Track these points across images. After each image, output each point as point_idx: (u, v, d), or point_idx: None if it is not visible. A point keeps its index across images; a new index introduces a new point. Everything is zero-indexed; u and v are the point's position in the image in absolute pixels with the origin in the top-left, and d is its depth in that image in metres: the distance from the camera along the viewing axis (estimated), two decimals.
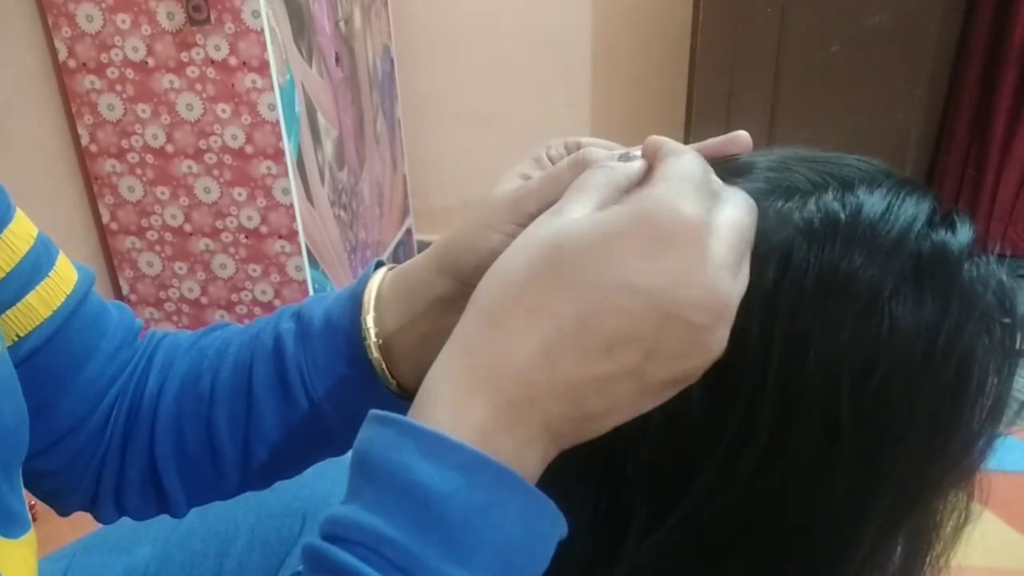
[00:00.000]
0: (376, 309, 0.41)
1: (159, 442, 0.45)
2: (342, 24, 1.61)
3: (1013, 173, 1.91)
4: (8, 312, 0.40)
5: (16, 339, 0.41)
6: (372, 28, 1.80)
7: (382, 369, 0.41)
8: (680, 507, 0.33)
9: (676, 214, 0.28)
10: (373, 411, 0.29)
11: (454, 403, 0.29)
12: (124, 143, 1.42)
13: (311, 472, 0.68)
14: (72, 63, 1.37)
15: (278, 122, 1.36)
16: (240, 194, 1.44)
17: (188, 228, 1.49)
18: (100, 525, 0.66)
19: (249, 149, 1.39)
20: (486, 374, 0.29)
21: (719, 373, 0.30)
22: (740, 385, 0.32)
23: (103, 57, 1.35)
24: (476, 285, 0.33)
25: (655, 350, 0.28)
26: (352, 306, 0.42)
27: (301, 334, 0.43)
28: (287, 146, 1.38)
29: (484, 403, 0.28)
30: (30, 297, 0.41)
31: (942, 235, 0.33)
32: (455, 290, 0.39)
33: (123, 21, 1.32)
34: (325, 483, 0.68)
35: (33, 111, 1.42)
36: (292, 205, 1.43)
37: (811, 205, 0.33)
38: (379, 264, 0.44)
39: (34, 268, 0.42)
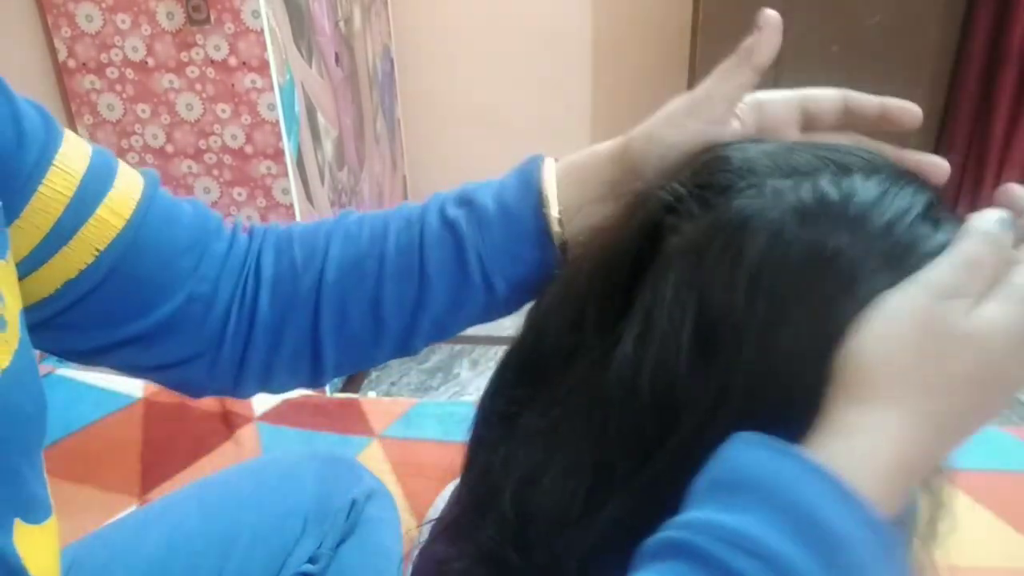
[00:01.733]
0: (555, 191, 0.45)
1: (323, 321, 0.47)
2: (342, 24, 1.61)
3: (1013, 173, 1.91)
4: (83, 229, 0.42)
5: (94, 258, 0.43)
6: (372, 28, 1.80)
7: (560, 245, 0.45)
8: (654, 462, 0.35)
9: None
10: (803, 455, 0.31)
11: (865, 471, 0.31)
12: (124, 143, 1.42)
13: (312, 473, 0.69)
14: (72, 63, 1.37)
15: (278, 122, 1.36)
16: (240, 194, 1.43)
17: None
18: (100, 525, 0.66)
19: (249, 149, 1.39)
20: (894, 457, 0.31)
21: (704, 338, 0.32)
22: (721, 350, 0.33)
23: (103, 57, 1.35)
24: (645, 175, 0.41)
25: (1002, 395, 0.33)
26: (526, 194, 0.46)
27: (477, 220, 0.46)
28: (287, 146, 1.38)
29: (892, 476, 0.31)
30: (100, 211, 0.43)
31: (923, 230, 0.34)
32: (622, 177, 0.44)
33: (123, 21, 1.32)
34: (326, 485, 0.68)
35: None
36: (292, 205, 1.43)
37: (806, 185, 0.34)
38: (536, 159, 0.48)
39: (98, 184, 0.43)
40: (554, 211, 0.45)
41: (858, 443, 0.31)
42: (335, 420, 1.09)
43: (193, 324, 0.46)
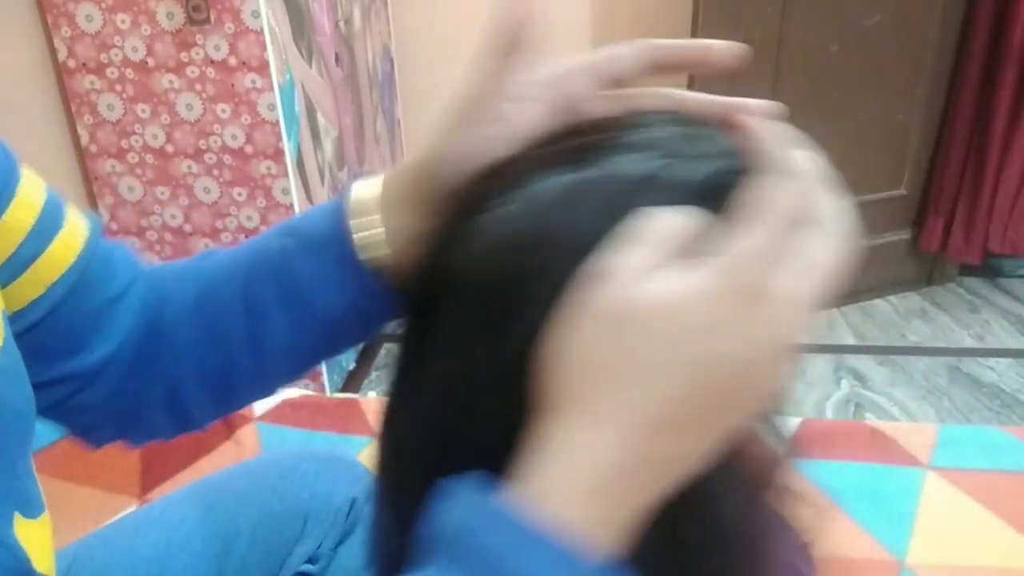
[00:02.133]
0: (367, 216, 0.43)
1: (180, 365, 0.46)
2: (342, 24, 1.61)
3: (1013, 173, 1.91)
4: (38, 261, 0.42)
5: (45, 290, 0.43)
6: (372, 28, 1.80)
7: (382, 269, 0.43)
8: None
9: (752, 287, 0.28)
10: (486, 497, 0.28)
11: (565, 502, 0.28)
12: (124, 143, 1.42)
13: (312, 473, 0.69)
14: (72, 63, 1.37)
15: (278, 122, 1.36)
16: (240, 194, 1.43)
17: (188, 228, 1.49)
18: (101, 525, 0.66)
19: (249, 149, 1.39)
20: (592, 475, 0.28)
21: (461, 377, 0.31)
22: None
23: (103, 57, 1.35)
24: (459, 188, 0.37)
25: (734, 412, 0.29)
26: (341, 215, 0.43)
27: (302, 248, 0.44)
28: (287, 146, 1.38)
29: (595, 501, 0.28)
30: (54, 246, 0.43)
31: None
32: (435, 193, 0.40)
33: (123, 21, 1.32)
34: (326, 484, 0.68)
35: (33, 111, 1.42)
36: (292, 205, 1.43)
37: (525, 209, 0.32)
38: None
39: (53, 219, 0.43)
40: (355, 231, 0.42)
41: (558, 461, 0.28)
42: (335, 420, 1.09)
43: (117, 372, 0.47)
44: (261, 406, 1.11)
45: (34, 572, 0.38)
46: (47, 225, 0.43)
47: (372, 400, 1.17)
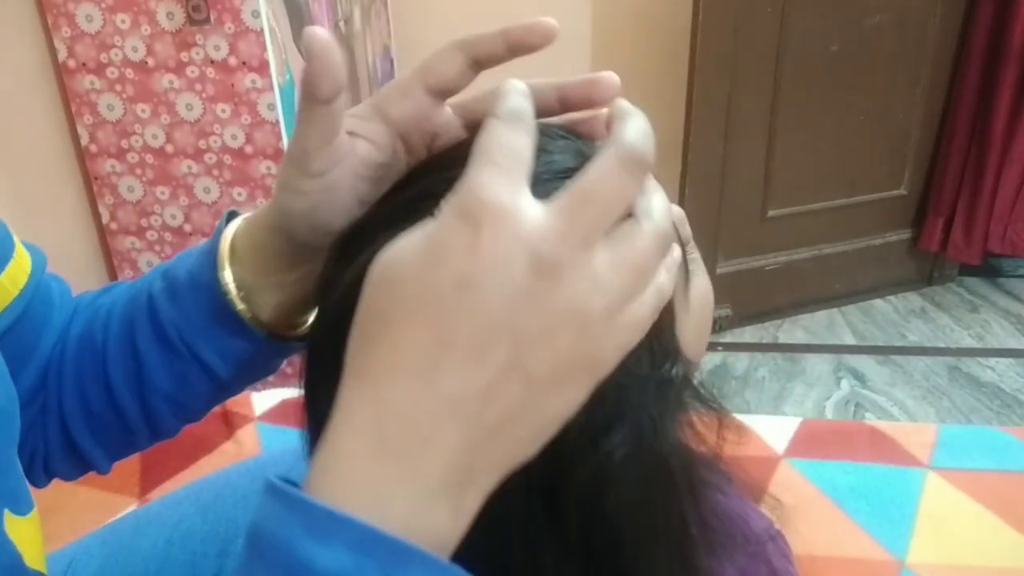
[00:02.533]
0: (232, 263, 0.42)
1: (66, 406, 0.46)
2: (342, 24, 1.61)
3: (1013, 173, 1.91)
4: None
5: None
6: (372, 28, 1.80)
7: (251, 318, 0.42)
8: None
9: (477, 201, 0.26)
10: (268, 479, 0.27)
11: (341, 471, 0.27)
12: (124, 143, 1.42)
13: None
14: (72, 63, 1.37)
15: (278, 122, 1.36)
16: (240, 194, 1.43)
17: (188, 228, 1.49)
18: (100, 526, 0.66)
19: (249, 149, 1.39)
20: (369, 431, 0.27)
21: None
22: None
23: (103, 57, 1.35)
24: (300, 241, 0.37)
25: (518, 337, 0.26)
26: (211, 260, 0.42)
27: (171, 293, 0.43)
28: (287, 146, 1.38)
29: (371, 463, 0.26)
30: (1, 278, 0.42)
31: None
32: (290, 248, 0.40)
33: (123, 21, 1.32)
34: None
35: (33, 111, 1.42)
36: None
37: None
38: (231, 215, 0.45)
39: (2, 251, 0.43)
40: (227, 275, 0.41)
41: (335, 428, 0.27)
42: None
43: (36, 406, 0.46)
44: (261, 406, 1.11)
45: (26, 569, 0.38)
46: None
47: None
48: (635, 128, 0.29)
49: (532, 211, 0.27)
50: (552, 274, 0.26)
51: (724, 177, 1.84)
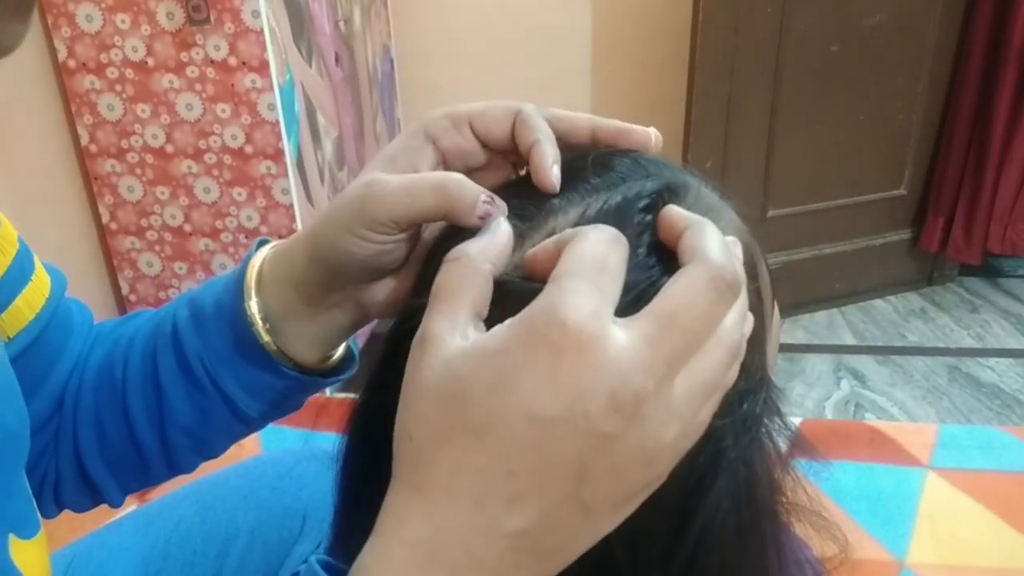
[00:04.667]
0: (260, 293, 0.41)
1: (81, 435, 0.45)
2: (342, 24, 1.61)
3: (1013, 173, 1.91)
4: (1, 315, 0.41)
5: (5, 341, 0.41)
6: (372, 28, 1.80)
7: (276, 351, 0.41)
8: None
9: (559, 325, 0.25)
10: (312, 566, 0.27)
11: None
12: (124, 143, 1.42)
13: (311, 472, 0.69)
14: (72, 63, 1.37)
15: (278, 122, 1.36)
16: (240, 194, 1.43)
17: (188, 228, 1.49)
18: (100, 525, 0.66)
19: (249, 149, 1.39)
20: (422, 547, 0.26)
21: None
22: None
23: (103, 57, 1.35)
24: (347, 274, 0.36)
25: (584, 472, 0.26)
26: (237, 289, 0.41)
27: (196, 322, 0.42)
28: (287, 146, 1.38)
29: (420, 574, 0.26)
30: (19, 300, 0.42)
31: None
32: (331, 277, 0.39)
33: (123, 21, 1.32)
34: (325, 484, 0.68)
35: (33, 111, 1.42)
36: (292, 205, 1.43)
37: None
38: (262, 243, 0.44)
39: (21, 271, 0.42)
40: (253, 305, 0.40)
41: (386, 535, 0.27)
42: (335, 420, 1.08)
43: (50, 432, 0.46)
44: None
45: None
46: (13, 276, 0.41)
47: None
48: (718, 243, 0.28)
49: (618, 341, 0.25)
50: (632, 414, 0.25)
51: (724, 177, 1.84)
